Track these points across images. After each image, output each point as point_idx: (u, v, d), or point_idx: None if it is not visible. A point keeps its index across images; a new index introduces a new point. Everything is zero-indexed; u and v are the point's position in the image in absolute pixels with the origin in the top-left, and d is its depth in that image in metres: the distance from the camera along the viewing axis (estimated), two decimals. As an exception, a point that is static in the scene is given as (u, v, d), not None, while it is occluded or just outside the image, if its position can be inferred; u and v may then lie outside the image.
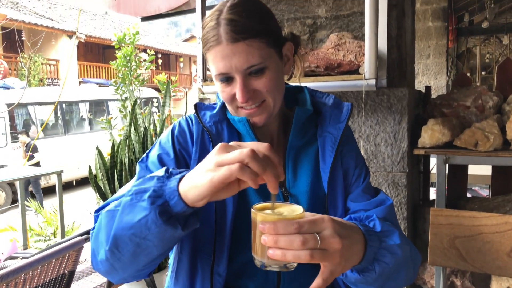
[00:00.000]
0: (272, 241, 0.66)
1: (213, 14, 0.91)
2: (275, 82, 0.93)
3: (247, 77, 0.90)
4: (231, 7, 0.90)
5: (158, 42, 22.79)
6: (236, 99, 0.92)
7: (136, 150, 3.25)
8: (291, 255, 0.66)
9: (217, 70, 0.90)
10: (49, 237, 4.64)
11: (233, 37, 0.87)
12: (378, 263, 0.80)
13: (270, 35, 0.92)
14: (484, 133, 1.85)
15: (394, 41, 2.06)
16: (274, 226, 0.67)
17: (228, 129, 1.01)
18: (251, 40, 0.88)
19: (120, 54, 4.17)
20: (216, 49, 0.88)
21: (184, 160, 0.98)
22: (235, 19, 0.88)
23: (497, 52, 10.60)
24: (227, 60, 0.88)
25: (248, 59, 0.88)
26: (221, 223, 0.93)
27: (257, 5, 0.94)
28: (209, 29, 0.90)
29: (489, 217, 1.55)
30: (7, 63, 14.37)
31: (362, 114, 2.02)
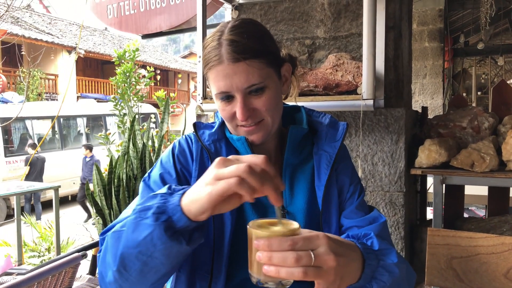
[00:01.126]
0: (266, 258, 0.67)
1: (215, 34, 0.94)
2: (274, 101, 0.95)
3: (247, 96, 0.92)
4: (232, 28, 0.92)
5: (156, 58, 22.95)
6: (236, 117, 0.93)
7: (134, 166, 3.25)
8: (284, 272, 0.67)
9: (218, 88, 0.92)
10: (43, 252, 4.59)
11: (234, 57, 0.89)
12: (376, 282, 0.80)
13: (270, 56, 0.95)
14: (480, 154, 1.87)
15: (391, 62, 2.09)
16: (268, 242, 0.67)
17: (226, 147, 1.02)
18: (252, 60, 0.90)
19: (120, 70, 4.21)
20: (217, 69, 0.91)
21: (185, 178, 1.00)
22: (236, 40, 0.90)
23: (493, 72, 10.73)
24: (228, 79, 0.90)
25: (248, 79, 0.90)
26: (219, 241, 0.94)
27: (257, 27, 0.97)
28: (211, 49, 0.92)
29: (486, 238, 1.55)
30: (6, 77, 14.41)
31: (360, 134, 2.04)
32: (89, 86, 18.62)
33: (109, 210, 3.17)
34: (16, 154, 9.83)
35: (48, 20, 19.59)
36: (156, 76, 19.55)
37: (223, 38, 0.91)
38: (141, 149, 3.28)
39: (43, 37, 16.15)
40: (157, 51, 26.23)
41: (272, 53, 0.96)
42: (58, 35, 17.93)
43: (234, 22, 0.95)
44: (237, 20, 0.96)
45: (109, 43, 20.90)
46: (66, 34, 18.75)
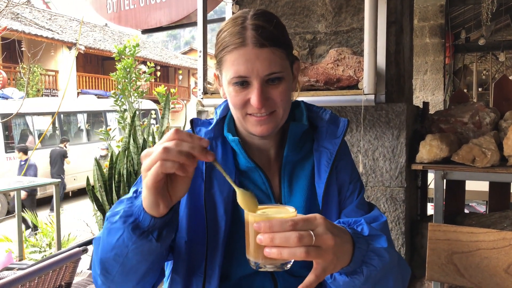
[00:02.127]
0: (268, 239, 0.68)
1: (236, 19, 0.92)
2: (288, 94, 0.95)
3: (264, 84, 0.90)
4: (256, 15, 0.92)
5: (157, 54, 22.91)
6: (247, 105, 0.92)
7: (134, 162, 3.25)
8: (287, 252, 0.68)
9: (236, 72, 0.90)
10: (44, 248, 4.60)
11: (260, 41, 0.88)
12: (366, 266, 0.80)
13: (289, 48, 0.95)
14: (482, 149, 1.87)
15: (392, 57, 2.09)
16: (270, 224, 0.68)
17: (222, 146, 1.01)
18: (275, 48, 0.89)
19: (120, 66, 4.20)
20: (239, 52, 0.89)
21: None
22: (263, 25, 0.90)
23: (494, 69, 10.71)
24: (249, 64, 0.88)
25: (270, 66, 0.89)
26: (213, 241, 0.94)
27: (278, 19, 0.96)
28: (232, 33, 0.91)
29: (487, 233, 1.55)
30: (6, 73, 14.40)
31: (361, 129, 2.04)
32: (89, 82, 18.61)
33: (109, 205, 3.17)
34: (16, 150, 9.82)
35: (48, 16, 19.55)
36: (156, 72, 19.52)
37: (247, 22, 0.90)
38: (141, 144, 3.28)
39: (43, 33, 16.12)
40: (157, 47, 26.20)
41: (290, 47, 0.96)
42: (58, 31, 17.90)
43: (256, 11, 0.94)
44: (258, 10, 0.95)
45: (109, 39, 20.87)
46: (66, 30, 18.72)
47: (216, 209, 0.94)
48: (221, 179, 0.95)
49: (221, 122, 1.03)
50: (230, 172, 0.97)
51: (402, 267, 0.94)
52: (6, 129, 9.88)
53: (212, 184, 0.96)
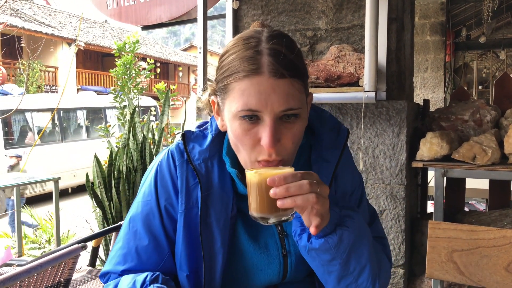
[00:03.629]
0: (284, 190, 0.71)
1: (248, 40, 0.79)
2: (301, 135, 0.83)
3: (278, 122, 0.78)
4: (273, 37, 0.79)
5: (157, 51, 22.87)
6: (257, 147, 0.80)
7: (134, 158, 3.25)
8: (300, 199, 0.72)
9: (246, 105, 0.77)
10: (44, 244, 4.60)
11: (278, 70, 0.75)
12: (340, 227, 0.82)
13: (306, 81, 0.83)
14: (482, 147, 1.87)
15: (393, 54, 2.08)
16: (284, 176, 0.72)
17: (219, 167, 0.91)
18: (295, 80, 0.77)
19: (120, 62, 4.19)
20: (252, 80, 0.76)
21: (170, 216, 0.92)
22: (282, 51, 0.77)
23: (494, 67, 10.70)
24: (263, 96, 0.75)
25: (288, 101, 0.77)
26: (210, 273, 0.90)
27: (295, 44, 0.84)
28: (243, 57, 0.78)
29: (487, 231, 1.55)
30: (6, 69, 14.37)
31: (362, 126, 2.03)
32: (89, 79, 18.59)
33: (109, 202, 3.17)
34: (16, 146, 9.81)
35: (48, 12, 19.51)
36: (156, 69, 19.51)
37: (262, 46, 0.78)
38: (141, 141, 3.27)
39: (43, 29, 16.09)
40: (157, 43, 26.16)
41: (307, 78, 0.85)
42: (58, 27, 17.86)
43: (272, 32, 0.81)
44: (274, 31, 0.82)
45: (109, 35, 20.83)
46: (66, 26, 18.67)
47: (213, 242, 0.89)
48: (217, 206, 0.89)
49: (218, 139, 0.93)
50: (227, 198, 0.90)
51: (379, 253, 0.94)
52: (5, 125, 9.86)
53: (209, 212, 0.89)
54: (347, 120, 2.06)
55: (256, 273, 0.93)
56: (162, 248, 0.92)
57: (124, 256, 0.93)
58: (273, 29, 0.83)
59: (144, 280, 0.85)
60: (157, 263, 0.92)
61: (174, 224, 0.92)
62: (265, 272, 0.93)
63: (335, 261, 0.83)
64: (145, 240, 0.92)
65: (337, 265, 0.83)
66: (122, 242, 0.94)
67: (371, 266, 0.86)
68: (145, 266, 0.92)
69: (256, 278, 0.93)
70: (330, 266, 0.84)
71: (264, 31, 0.81)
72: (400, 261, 2.04)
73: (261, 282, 0.94)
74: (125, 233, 0.95)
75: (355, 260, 0.84)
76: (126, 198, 3.08)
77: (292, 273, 0.94)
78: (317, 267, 0.86)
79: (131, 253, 0.92)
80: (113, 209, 3.16)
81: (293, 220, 0.85)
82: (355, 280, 0.85)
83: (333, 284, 0.87)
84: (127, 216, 0.97)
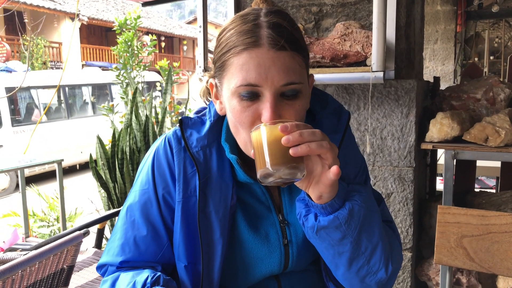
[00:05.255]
0: (297, 136, 0.69)
1: (246, 16, 0.77)
2: (303, 113, 0.80)
3: (278, 98, 0.75)
4: (271, 12, 0.77)
5: (161, 24, 22.55)
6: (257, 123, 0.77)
7: (137, 139, 3.21)
8: (315, 145, 0.69)
9: (245, 79, 0.74)
10: (52, 222, 4.64)
11: (278, 42, 0.72)
12: (349, 201, 0.79)
13: (308, 58, 0.81)
14: (495, 128, 1.79)
15: (402, 30, 1.98)
16: (297, 124, 0.70)
17: (218, 155, 0.88)
18: (295, 53, 0.75)
19: (121, 39, 4.10)
20: (251, 53, 0.73)
21: (168, 205, 0.90)
22: (281, 24, 0.75)
23: (506, 36, 10.41)
24: (263, 69, 0.73)
25: (289, 74, 0.74)
26: (209, 264, 0.88)
27: (294, 20, 0.82)
28: (241, 31, 0.75)
29: (499, 216, 1.50)
30: (10, 45, 14.27)
31: (369, 107, 1.96)
32: (93, 54, 18.45)
33: (113, 183, 3.15)
34: (23, 123, 9.84)
35: (49, -14, 19.20)
36: (160, 43, 19.30)
37: (261, 19, 0.75)
38: (144, 121, 3.22)
39: (45, 3, 15.86)
40: (161, 17, 25.77)
41: (308, 56, 0.82)
42: (60, 1, 17.61)
43: (270, 8, 0.79)
44: (272, 7, 0.80)
45: (112, 9, 20.53)
46: (68, 0, 18.40)
47: (212, 232, 0.86)
48: (216, 195, 0.87)
49: (216, 125, 0.90)
50: (227, 186, 0.87)
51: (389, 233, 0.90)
52: (12, 103, 9.85)
53: (207, 202, 0.87)
54: (354, 100, 1.99)
55: (256, 264, 0.90)
56: (161, 238, 0.90)
57: (122, 247, 0.90)
58: (273, 7, 0.81)
59: (144, 282, 0.82)
60: (156, 254, 0.90)
61: (172, 213, 0.89)
62: (266, 263, 0.90)
63: (346, 240, 0.78)
64: (144, 230, 0.89)
65: (348, 244, 0.79)
66: (120, 233, 0.92)
67: (383, 245, 0.82)
68: (144, 256, 0.90)
69: (256, 268, 0.91)
70: (341, 246, 0.79)
71: (263, 8, 0.79)
72: (408, 244, 2.00)
73: (262, 272, 0.91)
74: (122, 223, 0.92)
75: (366, 239, 0.80)
76: (131, 179, 3.05)
77: (294, 263, 0.92)
78: (327, 249, 0.82)
79: (129, 243, 0.90)
80: (117, 190, 3.14)
81: (297, 203, 0.82)
82: (367, 261, 0.81)
83: (344, 269, 0.83)
84: (124, 206, 0.95)
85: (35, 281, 1.64)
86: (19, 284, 1.53)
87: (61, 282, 1.78)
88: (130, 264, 0.90)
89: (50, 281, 1.73)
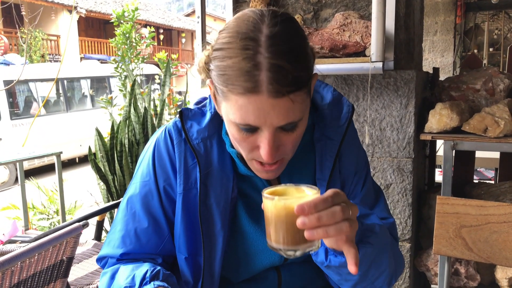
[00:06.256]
0: (314, 220, 0.62)
1: (244, 42, 0.70)
2: (302, 135, 0.80)
3: (277, 131, 0.74)
4: (273, 42, 0.69)
5: (159, 17, 22.43)
6: (255, 151, 0.77)
7: (136, 131, 3.20)
8: (333, 229, 0.64)
9: (243, 120, 0.72)
10: (52, 215, 4.64)
11: (278, 90, 0.69)
12: (363, 244, 0.77)
13: (311, 79, 0.76)
14: (494, 118, 1.79)
15: (402, 20, 1.97)
16: (314, 204, 0.63)
17: (218, 146, 0.88)
18: (296, 94, 0.71)
19: (119, 31, 4.08)
20: (249, 99, 0.70)
21: (169, 197, 0.90)
22: (282, 66, 0.69)
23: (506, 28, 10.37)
24: (262, 114, 0.71)
25: (288, 116, 0.72)
26: (210, 256, 0.87)
27: (299, 37, 0.74)
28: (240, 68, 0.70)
29: (497, 206, 1.50)
30: (8, 38, 14.19)
31: (368, 98, 1.95)
32: (92, 47, 18.36)
33: (112, 175, 3.15)
34: (22, 117, 9.81)
35: (47, -22, 19.05)
36: (159, 35, 19.21)
37: (261, 56, 0.68)
38: (142, 113, 3.21)
39: (42, -4, 15.76)
40: (160, 9, 25.63)
41: (312, 73, 0.77)
42: (58, -7, 17.48)
43: (273, 29, 0.70)
44: (275, 24, 0.71)
45: (110, 1, 20.39)
46: (66, -8, 18.27)
47: (213, 224, 0.86)
48: (217, 187, 0.86)
49: (217, 117, 0.88)
50: (228, 179, 0.87)
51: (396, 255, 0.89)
52: (10, 96, 9.82)
53: (208, 194, 0.86)
54: (353, 91, 1.98)
55: (257, 255, 0.90)
56: (162, 230, 0.90)
57: (123, 239, 0.90)
58: (274, 20, 0.72)
59: (143, 276, 0.82)
60: (157, 246, 0.90)
61: (173, 205, 0.89)
62: (267, 254, 0.90)
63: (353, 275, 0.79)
64: (145, 222, 0.89)
65: (356, 276, 0.79)
66: (121, 225, 0.91)
67: (389, 269, 0.84)
68: (145, 248, 0.90)
69: (257, 260, 0.91)
70: (348, 276, 0.80)
71: (264, 24, 0.71)
72: (406, 235, 2.01)
73: (263, 264, 0.91)
74: (123, 215, 0.92)
75: (374, 269, 0.81)
76: (130, 172, 3.05)
77: None
78: (333, 276, 0.83)
79: (130, 235, 0.89)
80: (117, 183, 3.14)
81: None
82: (372, 283, 0.83)
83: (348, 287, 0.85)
84: (124, 197, 0.94)
85: (35, 273, 1.64)
86: (18, 275, 1.53)
87: (61, 274, 1.79)
88: (130, 256, 0.90)
89: (49, 273, 1.73)
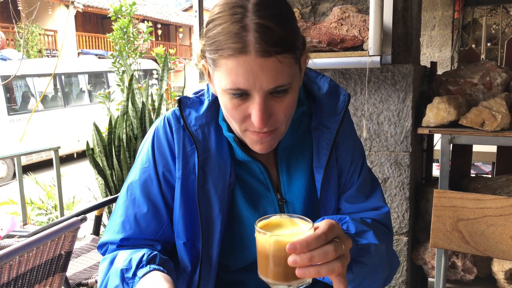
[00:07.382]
0: (307, 259, 0.62)
1: (233, 9, 0.73)
2: (293, 106, 0.81)
3: (267, 97, 0.76)
4: (260, 8, 0.72)
5: (157, 12, 22.34)
6: (247, 120, 0.79)
7: (134, 126, 3.20)
8: (325, 269, 0.63)
9: (234, 84, 0.74)
10: (50, 210, 4.64)
11: (265, 49, 0.70)
12: (356, 263, 0.78)
13: (298, 48, 0.78)
14: (492, 112, 1.79)
15: (400, 14, 1.97)
16: (307, 243, 0.62)
17: (216, 133, 0.90)
18: (284, 55, 0.73)
19: (117, 26, 4.07)
20: (238, 60, 0.72)
21: (168, 182, 0.91)
22: (269, 26, 0.71)
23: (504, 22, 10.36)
24: (251, 76, 0.72)
25: (277, 78, 0.73)
26: (208, 240, 0.89)
27: (286, 5, 0.77)
28: (228, 32, 0.72)
29: (494, 200, 1.51)
30: (4, 33, 14.12)
31: (366, 92, 1.95)
32: (89, 42, 18.29)
33: (110, 170, 3.15)
34: (19, 112, 9.79)
35: (44, -27, 18.94)
36: (157, 30, 19.13)
37: (248, 19, 0.71)
38: (140, 108, 3.21)
39: (39, -9, 15.66)
40: (157, 4, 25.51)
41: (299, 43, 0.79)
42: (55, -12, 17.38)
43: None
44: None
45: (107, -4, 20.29)
46: (63, -13, 18.16)
47: (211, 208, 0.88)
48: (215, 172, 0.88)
49: (214, 105, 0.91)
50: (225, 164, 0.89)
51: (391, 257, 0.91)
52: (7, 91, 9.78)
53: (206, 179, 0.88)
54: (351, 85, 1.98)
55: (254, 241, 0.91)
56: (161, 215, 0.91)
57: (122, 224, 0.91)
58: None
59: (140, 259, 0.83)
60: (156, 231, 0.91)
61: (172, 191, 0.91)
62: None
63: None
64: (144, 207, 0.90)
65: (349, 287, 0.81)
66: (121, 210, 0.93)
67: (381, 278, 0.86)
68: (144, 234, 0.91)
69: (254, 246, 0.91)
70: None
71: None
72: (404, 229, 2.02)
73: None
74: (123, 201, 0.93)
75: (369, 279, 0.83)
76: (128, 166, 3.05)
77: None
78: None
79: (130, 220, 0.91)
80: (115, 178, 3.14)
81: None
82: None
83: None
84: (124, 184, 0.96)
85: (33, 267, 1.64)
86: (17, 269, 1.53)
87: (59, 268, 1.79)
88: (130, 242, 0.91)
89: (47, 267, 1.73)
